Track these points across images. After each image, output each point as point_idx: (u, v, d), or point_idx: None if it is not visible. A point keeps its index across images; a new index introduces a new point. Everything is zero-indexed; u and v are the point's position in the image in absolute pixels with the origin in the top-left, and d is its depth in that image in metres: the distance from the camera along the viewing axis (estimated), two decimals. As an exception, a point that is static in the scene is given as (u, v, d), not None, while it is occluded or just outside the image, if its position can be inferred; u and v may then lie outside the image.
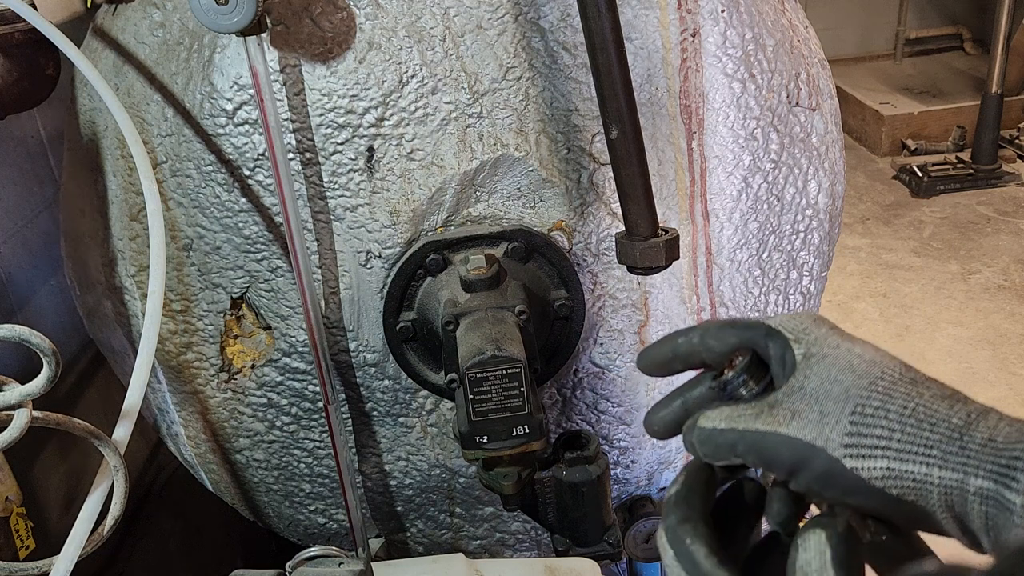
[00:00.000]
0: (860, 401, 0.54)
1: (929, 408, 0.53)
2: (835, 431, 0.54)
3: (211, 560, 2.00)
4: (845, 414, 0.54)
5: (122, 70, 1.25)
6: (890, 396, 0.54)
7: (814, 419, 0.55)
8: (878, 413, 0.54)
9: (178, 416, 1.42)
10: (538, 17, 1.17)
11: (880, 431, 0.53)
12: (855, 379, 0.56)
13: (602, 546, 1.28)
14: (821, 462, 0.54)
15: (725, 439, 0.58)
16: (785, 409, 0.56)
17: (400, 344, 1.26)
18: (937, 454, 0.52)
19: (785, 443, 0.55)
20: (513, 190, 1.22)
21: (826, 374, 0.57)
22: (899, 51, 7.06)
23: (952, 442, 0.52)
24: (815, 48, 1.45)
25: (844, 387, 0.55)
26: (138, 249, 1.30)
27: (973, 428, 0.52)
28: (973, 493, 0.51)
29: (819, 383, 0.56)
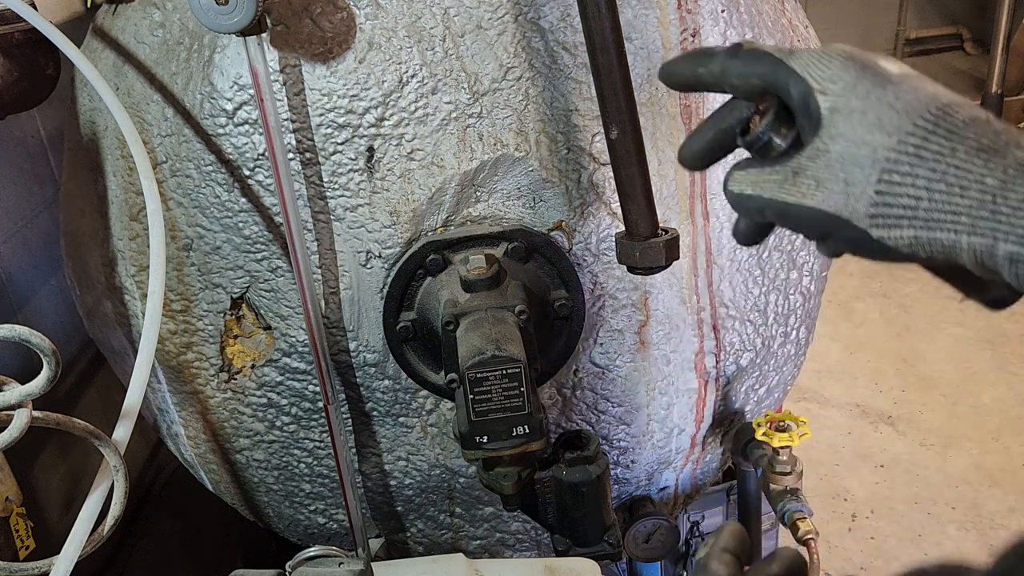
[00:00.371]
0: (887, 166, 0.51)
1: (962, 168, 0.50)
2: (861, 202, 0.52)
3: (211, 560, 2.01)
4: (871, 183, 0.52)
5: (122, 70, 1.25)
6: (920, 157, 0.51)
7: (839, 189, 0.53)
8: (905, 180, 0.51)
9: (178, 416, 1.42)
10: (538, 17, 1.17)
11: (907, 200, 0.51)
12: (884, 138, 0.52)
13: (602, 546, 1.28)
14: (848, 232, 0.53)
15: (753, 204, 0.57)
16: (809, 178, 0.54)
17: (400, 344, 1.26)
18: (966, 221, 0.49)
19: (811, 214, 0.54)
20: (513, 190, 1.22)
21: (852, 133, 0.53)
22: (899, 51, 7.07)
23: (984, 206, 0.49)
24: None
25: (871, 148, 0.52)
26: (138, 249, 1.30)
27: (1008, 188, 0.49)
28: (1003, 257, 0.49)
29: (844, 145, 0.53)
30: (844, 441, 3.35)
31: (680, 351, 1.36)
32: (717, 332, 1.38)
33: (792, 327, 1.48)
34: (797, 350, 1.54)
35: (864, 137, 0.52)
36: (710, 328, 1.37)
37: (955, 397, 3.55)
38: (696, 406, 1.43)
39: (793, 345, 1.51)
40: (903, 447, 3.29)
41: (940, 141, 0.51)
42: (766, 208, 0.57)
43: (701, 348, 1.38)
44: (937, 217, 0.50)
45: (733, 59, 0.59)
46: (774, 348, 1.47)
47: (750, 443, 1.51)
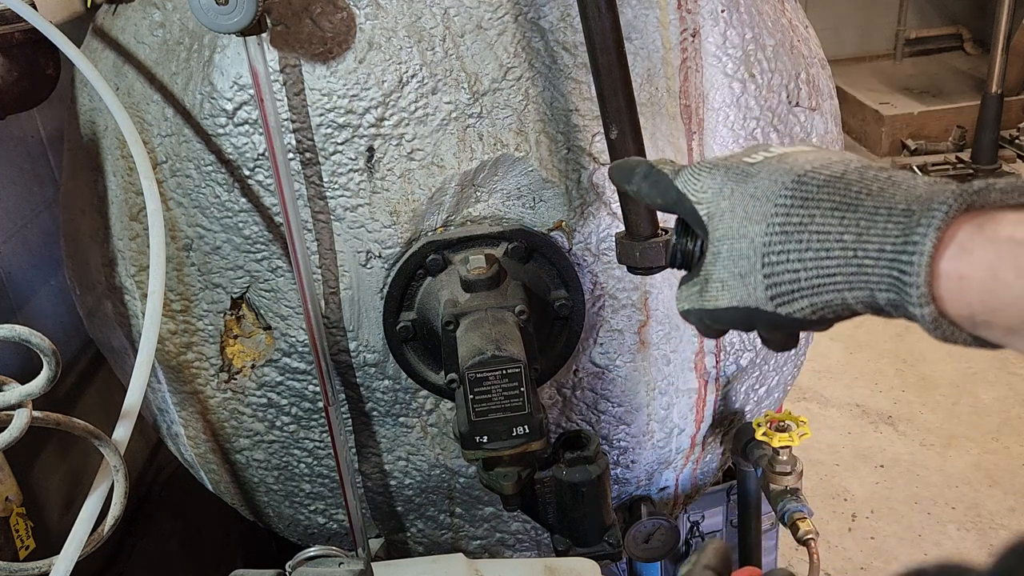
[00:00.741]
0: (764, 251, 0.57)
1: (822, 232, 0.54)
2: (758, 289, 0.58)
3: (211, 560, 2.00)
4: (758, 271, 0.58)
5: (122, 70, 1.25)
6: (786, 234, 0.56)
7: (738, 284, 0.59)
8: (781, 258, 0.56)
9: (178, 416, 1.42)
10: (538, 17, 1.17)
11: (789, 275, 0.56)
12: (755, 227, 0.58)
13: (602, 546, 1.28)
14: (765, 317, 0.59)
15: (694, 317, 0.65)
16: (715, 281, 0.61)
17: (400, 344, 1.26)
18: (841, 280, 0.54)
19: (731, 313, 0.61)
20: (513, 190, 1.22)
21: (730, 230, 0.59)
22: (899, 51, 7.06)
23: (849, 263, 0.53)
24: (815, 48, 1.45)
25: (749, 240, 0.58)
26: (138, 249, 1.30)
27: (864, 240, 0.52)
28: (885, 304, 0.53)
29: (729, 244, 0.60)
30: (844, 441, 3.35)
31: (680, 351, 1.36)
32: (717, 332, 1.38)
33: (792, 327, 1.48)
34: (797, 350, 1.54)
35: (740, 231, 0.59)
36: (710, 328, 1.37)
37: (955, 397, 3.55)
38: (696, 406, 1.43)
39: (793, 345, 1.51)
40: (903, 447, 3.29)
41: (799, 213, 0.56)
42: (703, 317, 0.63)
43: (701, 348, 1.38)
44: (817, 283, 0.55)
45: (644, 181, 0.67)
46: (774, 348, 1.47)
47: (750, 443, 1.51)
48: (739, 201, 0.59)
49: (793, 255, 0.56)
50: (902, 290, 0.51)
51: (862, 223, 0.53)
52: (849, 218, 0.53)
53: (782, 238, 0.56)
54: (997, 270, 0.48)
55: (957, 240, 0.49)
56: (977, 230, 0.49)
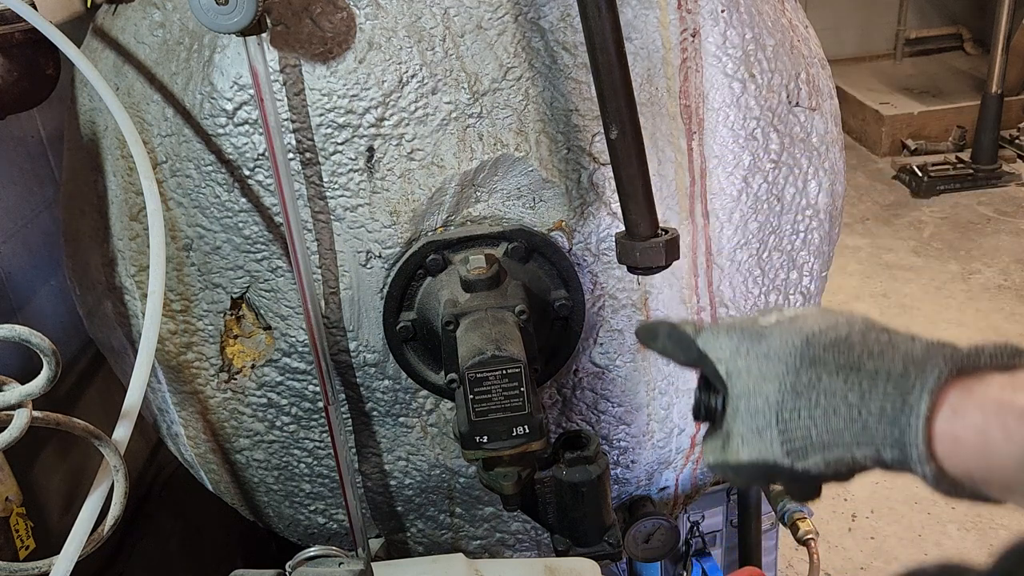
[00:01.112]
0: (778, 409, 0.62)
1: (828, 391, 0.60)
2: (774, 445, 0.62)
3: (211, 560, 2.00)
4: (774, 426, 0.62)
5: (122, 70, 1.25)
6: (796, 393, 0.61)
7: (755, 439, 0.64)
8: (793, 416, 0.61)
9: (178, 416, 1.42)
10: (538, 17, 1.17)
11: (801, 432, 0.61)
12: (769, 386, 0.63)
13: (602, 546, 1.28)
14: (782, 472, 0.63)
15: (719, 469, 0.68)
16: (736, 437, 0.66)
17: (400, 344, 1.26)
18: (848, 437, 0.58)
19: (751, 468, 0.65)
20: (513, 190, 1.22)
21: (747, 388, 0.65)
22: (899, 51, 7.07)
23: (855, 422, 0.58)
24: (815, 48, 1.45)
25: (764, 397, 0.63)
26: (138, 249, 1.30)
27: (867, 401, 0.57)
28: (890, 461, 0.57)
29: (747, 401, 0.65)
30: (844, 441, 3.35)
31: (680, 351, 1.36)
32: (717, 332, 1.38)
33: (792, 327, 1.48)
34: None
35: (756, 389, 0.64)
36: (710, 328, 1.37)
37: (955, 397, 3.55)
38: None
39: (793, 345, 1.51)
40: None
41: (808, 373, 0.61)
42: (727, 471, 0.68)
43: (701, 348, 1.37)
44: (827, 440, 0.59)
45: (668, 340, 0.72)
46: (774, 348, 1.47)
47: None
48: (754, 361, 0.64)
49: (804, 413, 0.60)
50: (904, 449, 0.55)
51: (864, 384, 0.58)
52: (852, 379, 0.58)
53: (793, 397, 0.61)
54: (986, 433, 0.52)
55: (949, 402, 0.54)
56: (967, 393, 0.54)
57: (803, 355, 0.62)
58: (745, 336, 0.67)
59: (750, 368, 0.65)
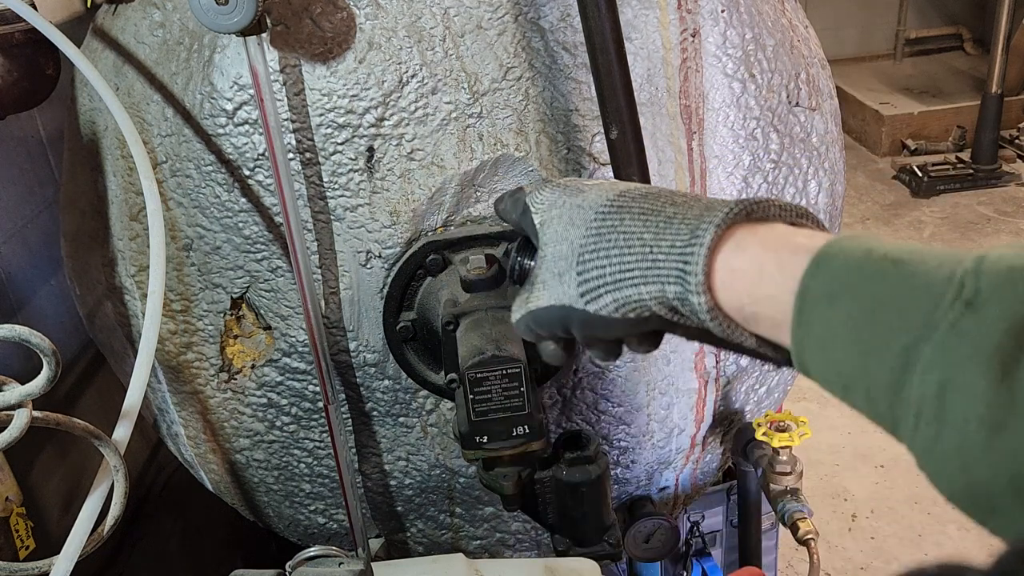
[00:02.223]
0: (580, 251, 0.62)
1: (628, 232, 0.60)
2: (571, 286, 0.62)
3: (211, 560, 2.00)
4: (573, 268, 0.62)
5: (122, 70, 1.25)
6: (600, 235, 0.61)
7: (555, 283, 0.64)
8: (592, 256, 0.61)
9: (178, 416, 1.42)
10: (538, 17, 1.17)
11: (597, 271, 0.60)
12: (576, 231, 0.63)
13: (602, 546, 1.28)
14: (575, 315, 0.63)
15: (523, 324, 0.68)
16: (539, 283, 0.66)
17: (400, 344, 1.26)
18: (638, 274, 0.58)
19: (548, 312, 0.65)
20: (513, 190, 1.22)
21: (556, 234, 0.65)
22: (899, 51, 7.06)
23: (645, 258, 0.58)
24: (815, 48, 1.45)
25: (570, 242, 0.63)
26: (138, 249, 1.30)
27: (661, 237, 0.58)
28: (672, 298, 0.57)
29: (553, 247, 0.64)
30: (844, 441, 3.35)
31: (680, 351, 1.36)
32: (717, 332, 1.38)
33: (792, 327, 1.48)
34: (797, 350, 1.54)
35: (563, 235, 0.64)
36: (710, 328, 1.37)
37: (955, 397, 3.55)
38: (696, 406, 1.43)
39: (793, 345, 1.51)
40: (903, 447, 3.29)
41: (613, 218, 0.61)
42: (529, 322, 0.67)
43: (701, 348, 1.37)
44: (619, 277, 0.59)
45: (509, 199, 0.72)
46: (774, 348, 1.47)
47: (750, 443, 1.51)
48: (567, 210, 0.65)
49: (602, 253, 0.60)
50: (684, 280, 0.56)
51: (660, 225, 0.58)
52: (651, 220, 0.59)
53: (595, 239, 0.61)
54: (763, 264, 0.54)
55: (735, 238, 0.56)
56: (751, 233, 0.56)
57: (612, 203, 0.62)
58: (566, 191, 0.67)
59: (562, 216, 0.65)
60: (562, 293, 0.63)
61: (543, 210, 0.67)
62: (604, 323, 0.61)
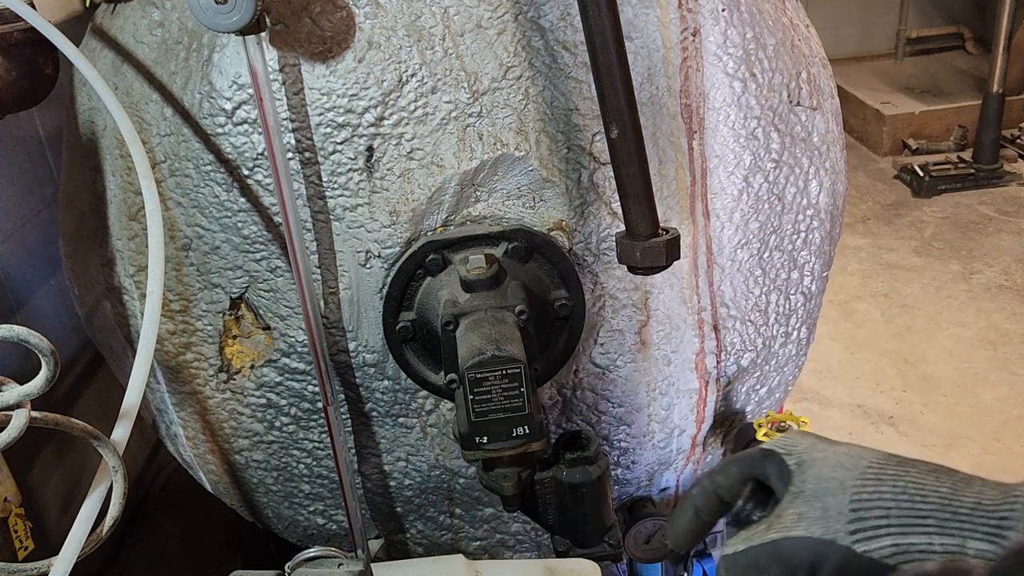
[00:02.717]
0: (856, 490, 0.59)
1: (917, 482, 0.58)
2: (839, 522, 0.58)
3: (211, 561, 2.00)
4: (845, 505, 0.58)
5: (121, 69, 1.25)
6: (880, 480, 0.59)
7: (818, 516, 0.59)
8: (873, 496, 0.58)
9: (177, 416, 1.42)
10: (538, 16, 1.17)
11: (879, 512, 0.57)
12: (846, 473, 0.60)
13: (602, 547, 1.28)
14: (835, 553, 0.57)
15: (747, 558, 0.61)
16: (791, 514, 0.60)
17: (400, 344, 1.25)
18: (933, 523, 0.56)
19: (799, 544, 0.59)
20: (513, 190, 1.22)
21: (820, 474, 0.61)
22: (900, 50, 7.06)
23: (944, 509, 0.56)
24: (816, 47, 1.44)
25: (839, 481, 0.60)
26: (137, 249, 1.30)
27: (960, 495, 0.56)
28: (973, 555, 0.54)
29: (815, 484, 0.61)
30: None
31: (681, 351, 1.36)
32: (718, 332, 1.37)
33: (793, 327, 1.48)
34: (798, 350, 1.54)
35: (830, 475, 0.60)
36: (711, 328, 1.37)
37: (956, 397, 3.55)
38: (697, 407, 1.42)
39: (794, 345, 1.51)
40: (904, 447, 3.29)
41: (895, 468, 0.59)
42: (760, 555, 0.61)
43: (702, 348, 1.37)
44: (908, 522, 0.56)
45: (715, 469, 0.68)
46: (775, 348, 1.47)
47: (751, 444, 1.51)
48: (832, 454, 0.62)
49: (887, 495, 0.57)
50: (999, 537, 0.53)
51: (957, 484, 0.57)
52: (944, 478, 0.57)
53: (876, 482, 0.58)
54: None
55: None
56: None
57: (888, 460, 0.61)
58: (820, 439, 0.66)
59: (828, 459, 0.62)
60: (826, 528, 0.58)
61: (799, 452, 0.64)
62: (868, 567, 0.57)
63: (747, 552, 0.62)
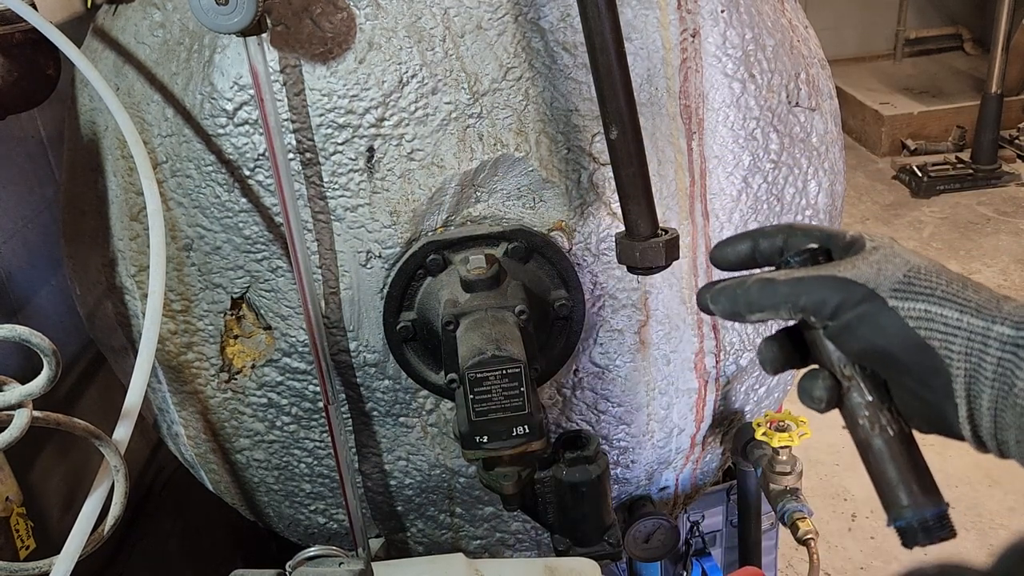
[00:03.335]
0: (915, 267, 0.61)
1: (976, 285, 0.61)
2: (888, 279, 0.61)
3: (211, 560, 2.01)
4: (900, 269, 0.61)
5: (122, 70, 1.25)
6: (941, 273, 0.61)
7: (871, 270, 0.61)
8: (930, 275, 0.61)
9: (178, 416, 1.42)
10: (538, 17, 1.17)
11: (928, 283, 0.60)
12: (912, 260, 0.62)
13: (602, 546, 1.28)
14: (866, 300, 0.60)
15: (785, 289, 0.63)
16: (846, 262, 0.63)
17: (400, 344, 1.26)
18: (973, 306, 0.59)
19: (838, 284, 0.61)
20: (513, 190, 1.22)
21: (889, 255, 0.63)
22: (899, 51, 7.07)
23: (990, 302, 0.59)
24: (815, 48, 1.45)
25: (903, 259, 0.62)
26: (138, 249, 1.30)
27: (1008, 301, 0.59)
28: (994, 338, 0.57)
29: (880, 256, 0.63)
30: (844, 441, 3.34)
31: (680, 351, 1.36)
32: (717, 332, 1.38)
33: (792, 327, 1.48)
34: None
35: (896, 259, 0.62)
36: (710, 328, 1.37)
37: (955, 397, 3.54)
38: (696, 406, 1.43)
39: (793, 345, 1.51)
40: (903, 447, 3.29)
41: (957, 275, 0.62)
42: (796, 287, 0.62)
43: (701, 348, 1.38)
44: (950, 298, 0.59)
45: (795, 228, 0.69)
46: (774, 348, 1.47)
47: (750, 443, 1.51)
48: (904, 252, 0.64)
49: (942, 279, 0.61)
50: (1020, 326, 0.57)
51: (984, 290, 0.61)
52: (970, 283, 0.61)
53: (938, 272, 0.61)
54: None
55: None
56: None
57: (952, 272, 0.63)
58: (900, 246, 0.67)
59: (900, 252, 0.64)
60: (872, 278, 0.61)
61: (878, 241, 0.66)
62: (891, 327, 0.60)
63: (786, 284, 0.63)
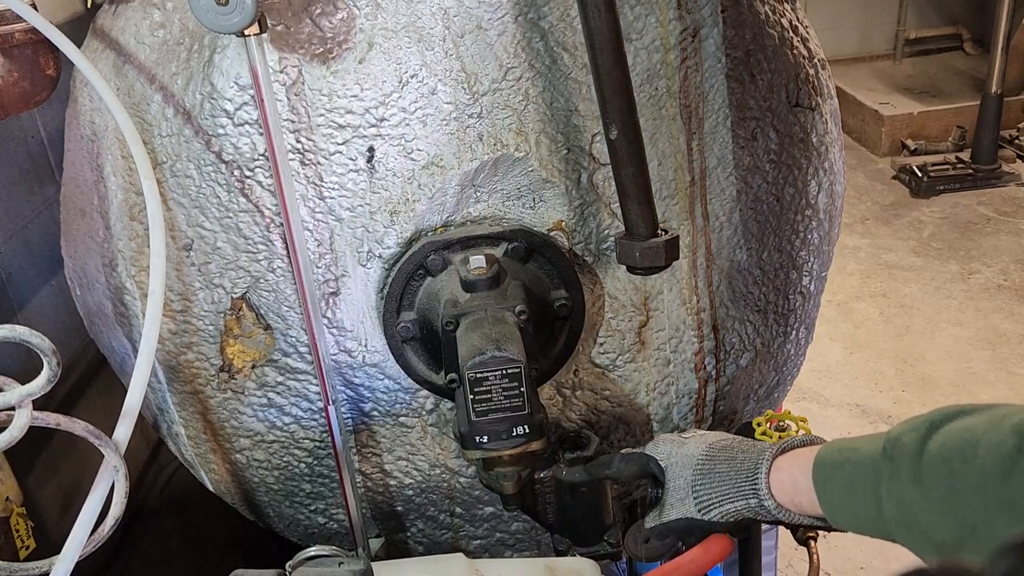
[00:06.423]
0: (694, 485, 1.04)
1: (720, 472, 1.02)
2: (691, 506, 1.04)
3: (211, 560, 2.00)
4: (690, 495, 1.04)
5: (122, 70, 1.26)
6: (703, 474, 1.03)
7: (679, 504, 1.05)
8: (703, 488, 1.03)
9: (178, 416, 1.42)
10: (538, 17, 1.17)
11: (706, 495, 1.02)
12: (687, 472, 1.05)
13: (602, 546, 1.28)
14: (696, 524, 1.04)
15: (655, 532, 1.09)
16: (668, 505, 1.07)
17: (400, 344, 1.26)
18: (731, 494, 1.01)
19: (676, 523, 1.06)
20: (513, 190, 1.22)
21: (677, 473, 1.06)
22: (899, 51, 7.07)
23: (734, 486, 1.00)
24: (815, 48, 1.45)
25: (685, 480, 1.05)
26: (138, 249, 1.30)
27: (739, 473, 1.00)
28: (754, 506, 0.99)
29: (675, 482, 1.06)
30: (844, 441, 3.35)
31: (680, 351, 1.36)
32: (717, 332, 1.38)
33: (792, 327, 1.48)
34: (797, 350, 1.54)
35: (680, 473, 1.06)
36: (710, 328, 1.37)
37: (955, 397, 3.55)
38: (696, 406, 1.43)
39: (793, 345, 1.51)
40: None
41: (708, 464, 1.04)
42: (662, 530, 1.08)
43: (701, 348, 1.38)
44: (719, 497, 1.02)
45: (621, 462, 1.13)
46: (774, 348, 1.47)
47: (750, 443, 1.51)
48: (677, 459, 1.07)
49: (707, 486, 1.03)
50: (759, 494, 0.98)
51: (735, 465, 1.01)
52: (731, 463, 1.02)
53: (701, 476, 1.03)
54: (793, 476, 0.96)
55: (776, 465, 0.99)
56: (784, 458, 0.99)
57: (704, 454, 1.05)
58: (675, 443, 1.09)
59: (675, 463, 1.06)
60: (686, 511, 1.04)
61: (664, 458, 1.08)
62: (712, 525, 1.04)
63: (653, 529, 1.09)
